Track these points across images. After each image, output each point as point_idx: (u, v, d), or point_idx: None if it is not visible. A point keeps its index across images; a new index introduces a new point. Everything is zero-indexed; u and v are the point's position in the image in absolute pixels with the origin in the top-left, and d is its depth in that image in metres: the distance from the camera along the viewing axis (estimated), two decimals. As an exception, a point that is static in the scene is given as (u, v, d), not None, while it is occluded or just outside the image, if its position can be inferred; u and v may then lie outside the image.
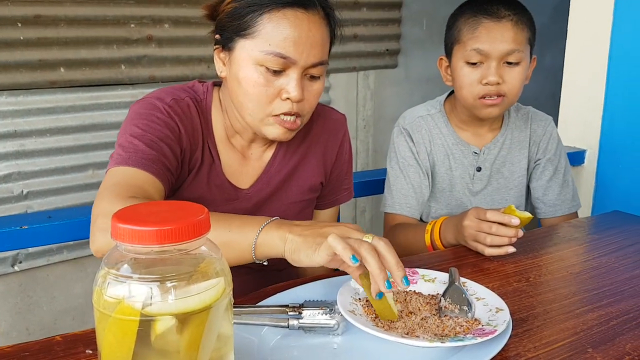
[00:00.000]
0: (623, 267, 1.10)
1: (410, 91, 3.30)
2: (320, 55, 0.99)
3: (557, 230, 1.35)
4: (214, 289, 0.57)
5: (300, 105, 1.00)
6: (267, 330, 0.82)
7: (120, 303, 0.53)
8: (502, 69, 1.30)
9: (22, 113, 2.08)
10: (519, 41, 1.29)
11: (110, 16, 2.17)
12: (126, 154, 0.94)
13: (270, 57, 0.96)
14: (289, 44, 0.95)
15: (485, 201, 1.46)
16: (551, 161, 1.47)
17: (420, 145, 1.44)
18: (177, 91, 1.08)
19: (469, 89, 1.32)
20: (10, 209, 2.11)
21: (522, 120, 1.48)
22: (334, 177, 1.24)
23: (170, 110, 1.02)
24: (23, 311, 2.22)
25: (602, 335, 0.85)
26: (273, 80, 0.98)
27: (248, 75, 0.98)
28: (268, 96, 0.98)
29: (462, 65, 1.32)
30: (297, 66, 0.97)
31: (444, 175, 1.45)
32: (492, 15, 1.29)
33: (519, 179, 1.47)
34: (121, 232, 0.54)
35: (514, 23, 1.28)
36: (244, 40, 0.98)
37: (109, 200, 0.85)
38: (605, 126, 1.93)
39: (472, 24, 1.30)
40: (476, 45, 1.29)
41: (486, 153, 1.44)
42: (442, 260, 1.12)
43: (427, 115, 1.46)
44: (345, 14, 2.50)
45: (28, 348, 0.76)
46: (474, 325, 0.83)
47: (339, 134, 1.22)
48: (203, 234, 0.57)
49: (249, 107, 1.00)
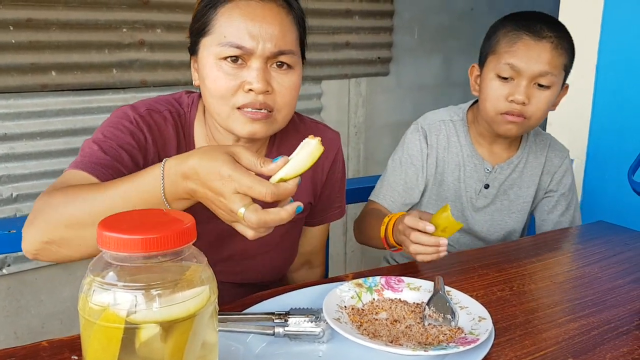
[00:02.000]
0: (606, 277, 1.12)
1: (401, 99, 3.32)
2: (281, 44, 0.96)
3: (541, 240, 1.36)
4: (198, 297, 0.57)
5: (270, 97, 0.97)
6: (253, 338, 0.83)
7: (105, 310, 0.54)
8: (531, 90, 1.27)
9: (13, 116, 2.07)
10: (555, 65, 1.26)
11: (102, 20, 2.17)
12: (81, 158, 0.94)
13: (227, 49, 0.94)
14: (243, 34, 0.94)
15: (485, 219, 1.45)
16: (565, 196, 1.46)
17: (433, 149, 1.41)
18: (157, 103, 1.06)
19: (493, 103, 1.30)
20: None
21: (539, 145, 1.46)
22: (325, 197, 1.21)
23: (140, 119, 1.01)
24: (11, 315, 2.21)
25: (583, 345, 0.86)
26: (235, 73, 0.95)
27: (211, 73, 0.96)
28: (229, 89, 0.95)
29: (493, 77, 1.30)
30: (256, 56, 0.94)
31: (451, 184, 1.43)
32: (533, 33, 1.26)
33: (524, 204, 1.45)
34: (107, 240, 0.55)
35: (554, 46, 1.26)
36: (204, 39, 0.98)
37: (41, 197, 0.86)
38: (593, 137, 1.95)
39: (512, 37, 1.28)
40: (511, 60, 1.27)
41: (498, 172, 1.42)
42: (428, 268, 1.13)
43: (449, 121, 1.44)
44: (337, 22, 2.52)
45: (14, 353, 0.77)
46: (457, 333, 0.84)
47: (331, 153, 1.19)
48: (189, 242, 0.58)
49: (215, 105, 0.98)
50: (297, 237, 1.22)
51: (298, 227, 1.21)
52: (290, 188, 0.75)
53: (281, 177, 0.74)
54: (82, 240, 0.81)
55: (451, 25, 3.45)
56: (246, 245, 1.11)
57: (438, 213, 1.04)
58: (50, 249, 0.83)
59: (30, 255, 0.85)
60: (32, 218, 0.84)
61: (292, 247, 1.21)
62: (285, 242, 1.17)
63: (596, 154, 1.94)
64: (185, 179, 0.76)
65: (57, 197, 0.83)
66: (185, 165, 0.75)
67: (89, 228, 0.80)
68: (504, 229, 1.46)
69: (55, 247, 0.83)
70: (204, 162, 0.74)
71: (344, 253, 3.14)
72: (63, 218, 0.81)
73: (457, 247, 1.47)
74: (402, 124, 3.51)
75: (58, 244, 0.82)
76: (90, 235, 0.80)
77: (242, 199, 0.73)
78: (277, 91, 0.97)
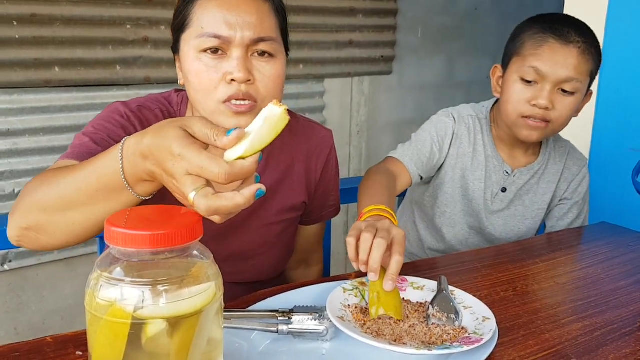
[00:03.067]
0: (609, 278, 1.12)
1: (403, 98, 3.32)
2: (260, 30, 0.94)
3: (545, 240, 1.36)
4: (205, 294, 0.57)
5: (253, 87, 0.95)
6: (257, 335, 0.83)
7: (112, 306, 0.54)
8: (555, 95, 1.24)
9: (16, 112, 2.07)
10: (581, 71, 1.23)
11: (107, 17, 2.17)
12: (72, 149, 0.94)
13: (205, 39, 0.93)
14: (219, 23, 0.93)
15: (498, 223, 1.43)
16: (578, 205, 1.45)
17: (458, 139, 1.38)
18: (148, 102, 1.06)
19: (515, 106, 1.27)
20: (1, 208, 2.10)
21: (559, 152, 1.44)
22: (319, 195, 1.21)
23: (131, 114, 1.01)
24: (12, 311, 2.21)
25: (587, 346, 0.86)
26: (215, 65, 0.94)
27: (192, 67, 0.95)
28: (212, 82, 0.94)
29: (516, 80, 1.27)
30: (235, 45, 0.93)
31: (471, 183, 1.40)
32: (560, 37, 1.22)
33: (538, 211, 1.44)
34: (114, 235, 0.55)
35: (581, 51, 1.22)
36: (184, 34, 0.97)
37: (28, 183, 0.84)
38: (596, 137, 1.95)
39: (538, 40, 1.24)
40: (536, 64, 1.23)
41: (517, 176, 1.39)
42: (432, 268, 1.13)
43: (475, 117, 1.41)
44: (341, 20, 2.53)
45: (19, 348, 0.77)
46: (461, 333, 0.84)
47: (324, 152, 1.18)
48: (195, 239, 0.58)
49: (200, 100, 0.96)
50: (294, 235, 1.22)
51: (294, 225, 1.20)
52: (247, 167, 0.64)
53: (240, 155, 0.63)
54: (55, 226, 0.80)
55: (455, 25, 3.45)
56: (243, 246, 1.12)
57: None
58: (29, 236, 0.83)
59: (14, 241, 0.85)
60: (15, 204, 0.84)
61: (288, 245, 1.21)
62: (282, 240, 1.17)
63: (599, 155, 1.94)
64: (144, 159, 0.69)
65: (35, 182, 0.83)
66: (142, 144, 0.68)
67: (59, 213, 0.78)
68: (517, 234, 1.45)
69: (34, 234, 0.82)
70: (157, 139, 0.66)
71: (344, 252, 3.14)
72: (37, 202, 0.80)
73: (465, 247, 1.47)
74: (405, 123, 3.52)
75: (36, 230, 0.81)
76: (62, 220, 0.79)
77: (195, 181, 0.64)
78: (259, 80, 0.96)
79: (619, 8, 1.86)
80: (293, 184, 1.15)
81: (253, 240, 1.12)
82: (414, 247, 1.53)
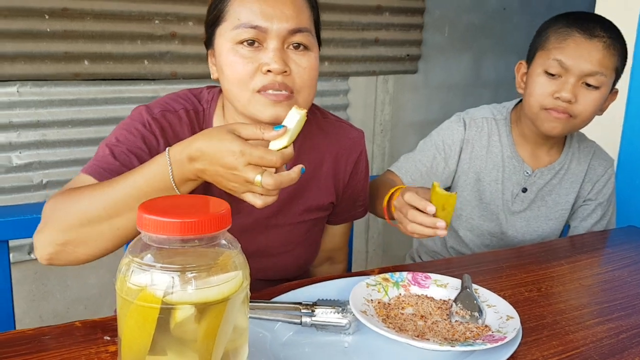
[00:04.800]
0: (635, 281, 1.10)
1: (428, 98, 3.30)
2: (296, 21, 0.96)
3: (571, 242, 1.35)
4: (232, 282, 0.58)
5: (289, 78, 0.96)
6: (280, 326, 0.84)
7: (142, 290, 0.55)
8: (579, 89, 1.24)
9: (45, 104, 2.11)
10: (605, 65, 1.23)
11: (136, 12, 2.20)
12: (93, 162, 0.99)
13: (242, 30, 0.94)
14: (257, 14, 0.94)
15: (520, 225, 1.42)
16: (602, 206, 1.43)
17: (469, 144, 1.38)
18: (173, 102, 1.07)
19: (537, 98, 1.27)
20: (29, 197, 2.15)
21: (584, 153, 1.43)
22: (347, 196, 1.20)
23: (152, 122, 1.02)
24: (37, 299, 2.25)
25: (611, 348, 0.85)
26: (251, 56, 0.95)
27: (228, 59, 0.97)
28: (248, 72, 0.95)
29: (540, 73, 1.27)
30: (271, 36, 0.94)
31: (488, 185, 1.40)
32: (585, 30, 1.23)
33: (561, 211, 1.43)
34: (146, 222, 0.56)
35: (606, 45, 1.22)
36: (219, 28, 0.99)
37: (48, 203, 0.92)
38: (625, 140, 1.92)
39: (563, 34, 1.25)
40: (560, 57, 1.23)
41: (538, 176, 1.39)
42: (456, 267, 1.13)
43: (492, 119, 1.41)
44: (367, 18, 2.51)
45: (49, 332, 0.79)
46: (484, 331, 0.84)
47: (354, 153, 1.18)
48: (224, 228, 0.59)
49: (234, 91, 0.97)
50: (320, 234, 1.22)
51: (320, 224, 1.20)
52: (290, 153, 0.81)
53: (284, 145, 0.80)
54: (100, 235, 0.86)
55: (482, 24, 3.41)
56: (269, 243, 1.12)
57: (433, 191, 0.96)
58: (66, 251, 0.87)
59: (44, 260, 0.89)
60: (43, 224, 0.89)
61: (314, 244, 1.21)
62: (308, 239, 1.17)
63: (628, 158, 1.91)
64: (192, 161, 0.82)
65: (65, 199, 0.88)
66: (191, 149, 0.81)
67: (105, 222, 0.85)
68: (540, 235, 1.43)
69: (71, 248, 0.87)
70: (213, 142, 0.80)
71: (365, 251, 3.14)
72: (77, 217, 0.86)
73: (485, 250, 1.45)
74: (429, 123, 3.49)
75: (74, 244, 0.87)
76: (108, 227, 0.86)
77: (255, 169, 0.79)
78: (295, 72, 0.97)
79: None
80: (320, 184, 1.15)
81: (279, 238, 1.13)
82: (438, 245, 1.52)
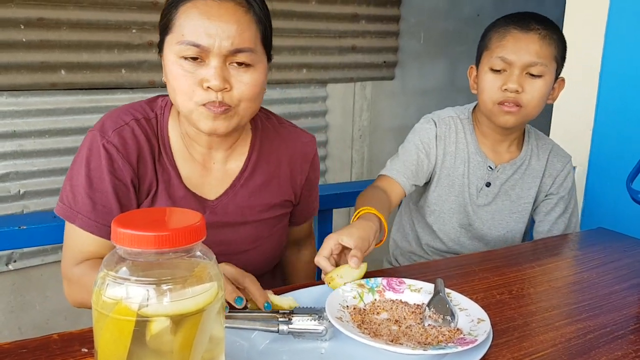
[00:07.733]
0: (603, 282, 1.14)
1: (406, 103, 3.34)
2: (239, 41, 0.98)
3: (542, 245, 1.38)
4: (207, 293, 0.60)
5: (228, 95, 0.99)
6: (257, 335, 0.85)
7: (117, 304, 0.56)
8: (524, 79, 1.33)
9: (22, 114, 2.11)
10: (544, 55, 1.32)
11: (113, 21, 2.20)
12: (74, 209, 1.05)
13: (185, 47, 0.97)
14: (200, 32, 0.96)
15: (486, 217, 1.48)
16: (564, 200, 1.50)
17: (442, 140, 1.46)
18: (122, 114, 1.09)
19: (489, 94, 1.36)
20: (7, 208, 2.13)
21: (542, 150, 1.50)
22: (305, 197, 1.27)
23: (110, 147, 1.04)
24: (16, 310, 2.23)
25: (579, 348, 0.88)
26: (194, 71, 0.98)
27: (173, 70, 0.99)
28: (190, 86, 0.98)
29: (487, 71, 1.36)
30: (213, 54, 0.97)
31: (456, 179, 1.47)
32: (521, 26, 1.33)
33: (524, 205, 1.49)
34: (121, 236, 0.57)
35: (541, 37, 1.31)
36: (167, 37, 1.01)
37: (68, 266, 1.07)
38: (595, 144, 1.97)
39: (502, 32, 1.35)
40: (502, 54, 1.33)
41: (500, 171, 1.46)
42: (430, 271, 1.15)
43: (456, 117, 1.49)
44: (344, 26, 2.53)
45: (26, 345, 0.79)
46: (456, 334, 0.86)
47: (308, 156, 1.24)
48: (199, 240, 0.60)
49: (179, 101, 1.01)
50: (284, 230, 1.27)
51: (283, 221, 1.26)
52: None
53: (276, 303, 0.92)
54: None
55: (457, 30, 3.47)
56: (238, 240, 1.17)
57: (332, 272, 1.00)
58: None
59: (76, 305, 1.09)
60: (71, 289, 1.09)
61: (279, 240, 1.26)
62: (273, 235, 1.22)
63: (598, 161, 1.96)
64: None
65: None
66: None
67: None
68: (505, 228, 1.50)
69: None
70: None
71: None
72: None
73: (457, 245, 1.51)
74: (407, 128, 3.52)
75: None
76: None
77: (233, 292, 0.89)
78: (236, 88, 1.00)
79: (620, 14, 1.88)
80: (280, 182, 1.21)
81: (245, 235, 1.17)
82: (413, 245, 1.57)
